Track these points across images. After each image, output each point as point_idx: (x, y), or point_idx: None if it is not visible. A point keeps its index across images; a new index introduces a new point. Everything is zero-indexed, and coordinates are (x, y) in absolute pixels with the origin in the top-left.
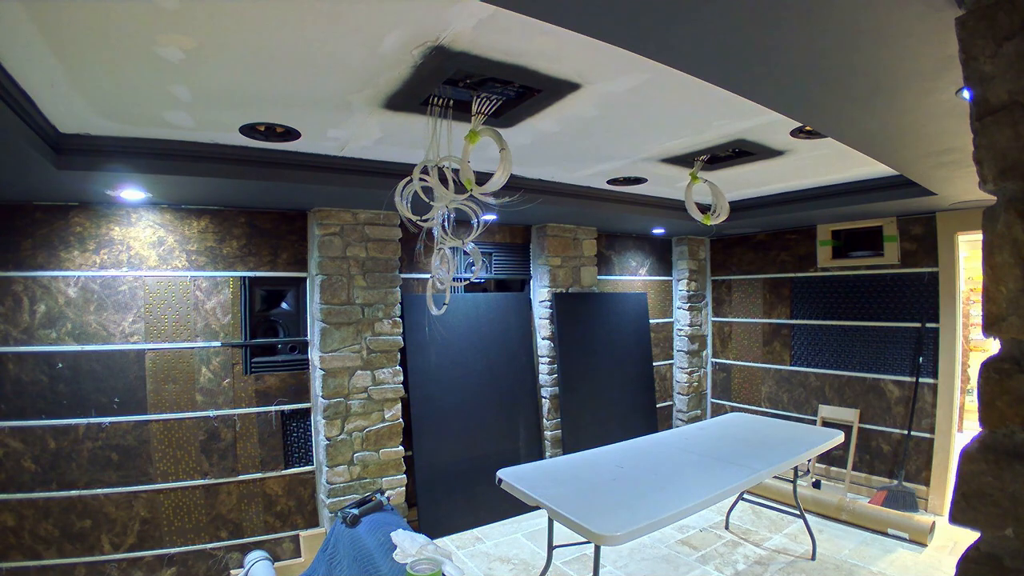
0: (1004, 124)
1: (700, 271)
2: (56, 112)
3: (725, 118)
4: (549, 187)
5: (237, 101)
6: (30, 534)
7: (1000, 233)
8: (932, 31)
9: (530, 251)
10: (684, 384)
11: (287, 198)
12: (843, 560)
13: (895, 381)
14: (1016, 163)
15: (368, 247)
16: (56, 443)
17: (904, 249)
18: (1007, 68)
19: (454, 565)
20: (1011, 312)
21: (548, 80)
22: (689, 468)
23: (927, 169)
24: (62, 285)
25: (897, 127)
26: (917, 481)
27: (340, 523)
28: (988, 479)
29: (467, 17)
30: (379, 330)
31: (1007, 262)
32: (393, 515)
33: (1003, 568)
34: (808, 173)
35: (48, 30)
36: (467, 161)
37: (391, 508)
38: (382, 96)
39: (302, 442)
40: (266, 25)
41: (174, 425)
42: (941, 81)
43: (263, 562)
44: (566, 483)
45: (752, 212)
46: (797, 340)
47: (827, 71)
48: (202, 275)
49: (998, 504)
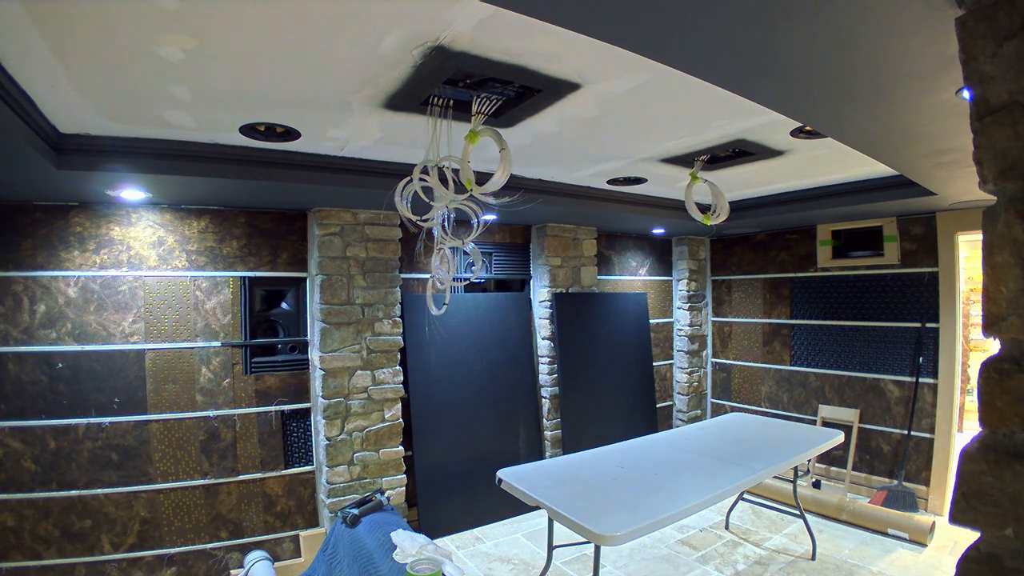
0: (1004, 124)
1: (700, 271)
2: (56, 112)
3: (725, 118)
4: (549, 187)
5: (237, 101)
6: (30, 534)
7: (1000, 233)
8: (932, 31)
9: (530, 251)
10: (684, 384)
11: (287, 198)
12: (843, 560)
13: (895, 381)
14: (1016, 163)
15: (368, 247)
16: (56, 443)
17: (904, 249)
18: (1007, 68)
19: (454, 565)
20: (1011, 312)
21: (548, 80)
22: (689, 468)
23: (927, 169)
24: (62, 285)
25: (897, 127)
26: (917, 481)
27: (340, 523)
28: (988, 479)
29: (467, 17)
30: (379, 330)
31: (1007, 262)
32: (393, 515)
33: (1003, 568)
34: (808, 173)
35: (48, 30)
36: (467, 161)
37: (391, 508)
38: (382, 96)
39: (302, 442)
40: (266, 25)
41: (174, 425)
42: (941, 81)
43: (263, 562)
44: (566, 483)
45: (752, 212)
46: (797, 340)
47: (827, 71)
48: (202, 275)
49: (998, 504)
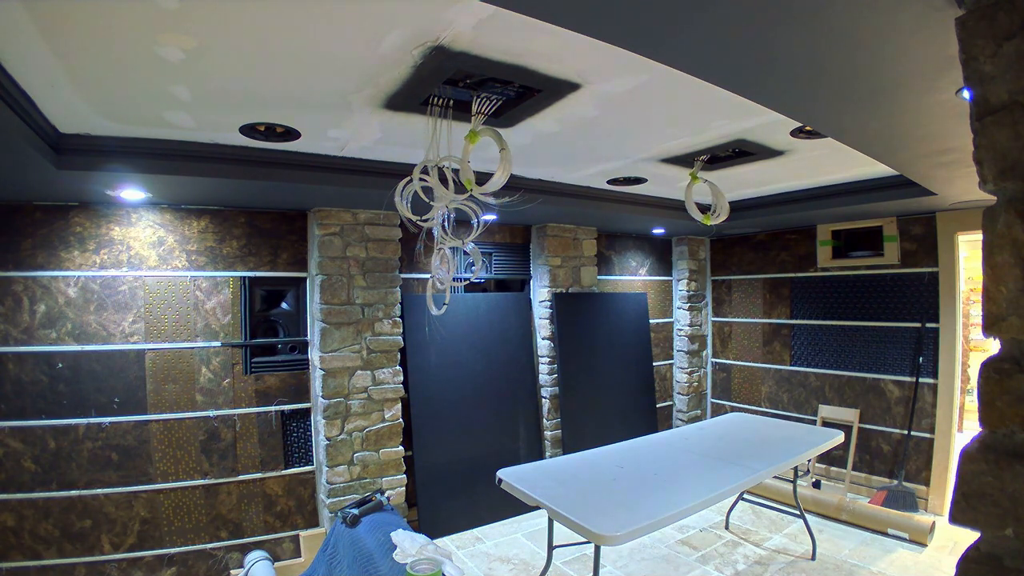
0: (1004, 124)
1: (700, 271)
2: (56, 112)
3: (725, 118)
4: (549, 187)
5: (237, 101)
6: (30, 534)
7: (1000, 233)
8: (932, 31)
9: (530, 251)
10: (684, 384)
11: (287, 198)
12: (843, 560)
13: (895, 381)
14: (1016, 163)
15: (368, 247)
16: (56, 443)
17: (904, 249)
18: (1007, 68)
19: (454, 565)
20: (1011, 312)
21: (548, 80)
22: (689, 468)
23: (927, 169)
24: (62, 285)
25: (897, 127)
26: (917, 481)
27: (340, 523)
28: (988, 479)
29: (467, 17)
30: (379, 330)
31: (1007, 262)
32: (393, 515)
33: (1003, 568)
34: (808, 173)
35: (48, 30)
36: (467, 161)
37: (391, 508)
38: (382, 96)
39: (302, 442)
40: (266, 25)
41: (174, 425)
42: (941, 81)
43: (263, 562)
44: (566, 483)
45: (752, 212)
46: (797, 340)
47: (827, 71)
48: (202, 275)
49: (998, 504)
